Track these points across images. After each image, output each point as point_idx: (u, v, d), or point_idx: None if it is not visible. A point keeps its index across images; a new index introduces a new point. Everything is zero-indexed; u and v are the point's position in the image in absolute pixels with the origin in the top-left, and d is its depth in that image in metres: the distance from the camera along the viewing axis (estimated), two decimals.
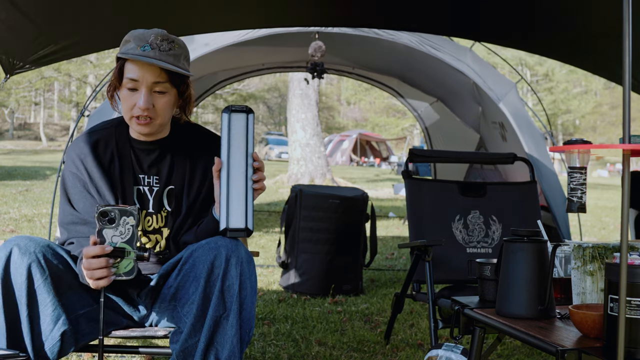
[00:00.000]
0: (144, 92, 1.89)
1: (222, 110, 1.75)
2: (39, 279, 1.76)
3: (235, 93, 30.58)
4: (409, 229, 3.17)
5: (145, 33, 1.90)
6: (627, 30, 1.35)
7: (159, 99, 1.92)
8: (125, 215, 1.73)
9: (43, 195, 10.07)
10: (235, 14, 3.42)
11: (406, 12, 3.46)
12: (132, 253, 1.73)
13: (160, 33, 1.91)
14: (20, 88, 30.03)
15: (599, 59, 3.76)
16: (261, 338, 3.35)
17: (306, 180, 13.06)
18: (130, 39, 1.90)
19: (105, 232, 1.72)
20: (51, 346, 1.77)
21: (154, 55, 1.86)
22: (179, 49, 1.92)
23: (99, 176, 1.96)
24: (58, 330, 1.77)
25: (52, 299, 1.77)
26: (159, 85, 1.90)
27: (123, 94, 1.92)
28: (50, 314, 1.77)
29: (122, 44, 1.93)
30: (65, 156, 2.03)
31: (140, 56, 1.85)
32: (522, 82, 15.18)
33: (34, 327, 1.75)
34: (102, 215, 1.72)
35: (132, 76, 1.89)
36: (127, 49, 1.89)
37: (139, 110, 1.89)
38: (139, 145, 2.01)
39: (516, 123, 4.98)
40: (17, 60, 3.29)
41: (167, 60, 1.87)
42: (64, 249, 1.88)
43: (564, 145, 1.73)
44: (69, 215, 1.95)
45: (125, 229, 1.73)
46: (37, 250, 1.77)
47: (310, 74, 5.91)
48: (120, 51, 1.91)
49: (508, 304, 1.84)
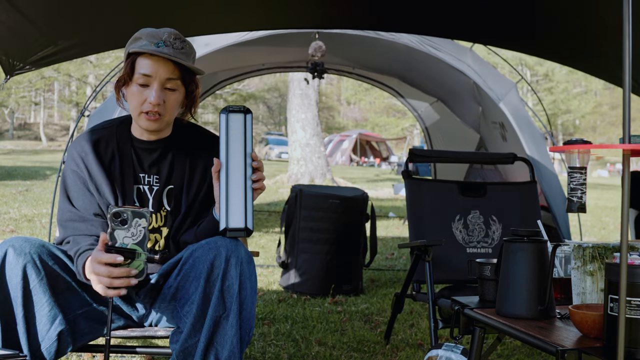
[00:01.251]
0: (156, 88, 1.90)
1: (220, 111, 1.76)
2: (35, 280, 1.76)
3: (235, 93, 30.57)
4: (409, 229, 3.17)
5: (157, 31, 1.92)
6: (627, 31, 1.35)
7: (169, 96, 1.93)
8: (138, 217, 1.73)
9: (43, 195, 10.07)
10: (235, 15, 3.42)
11: (406, 14, 3.47)
12: (143, 255, 1.73)
13: (172, 32, 1.93)
14: (20, 88, 30.04)
15: (598, 61, 3.76)
16: (261, 338, 3.35)
17: (306, 180, 13.06)
18: (142, 36, 1.92)
19: (117, 232, 1.72)
20: (48, 346, 1.77)
21: (168, 52, 1.88)
22: (189, 48, 1.96)
23: (99, 174, 1.96)
24: (55, 330, 1.77)
25: (49, 299, 1.77)
26: (171, 82, 1.92)
27: (132, 90, 1.93)
28: (47, 314, 1.77)
29: (131, 41, 1.94)
30: (66, 154, 2.04)
31: (157, 51, 1.87)
32: (522, 82, 15.19)
33: (30, 328, 1.75)
34: (115, 216, 1.71)
35: (146, 71, 1.89)
36: (139, 45, 1.90)
37: (150, 106, 1.91)
38: (140, 145, 2.02)
39: (516, 123, 4.99)
40: (17, 61, 3.29)
41: (180, 58, 1.90)
42: (60, 249, 1.88)
43: (564, 145, 1.73)
44: (67, 213, 1.95)
45: (137, 231, 1.73)
46: (32, 251, 1.77)
47: (311, 74, 5.91)
48: (132, 47, 1.91)
49: (508, 304, 1.84)
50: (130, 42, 1.95)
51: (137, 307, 2.02)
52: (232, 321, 1.71)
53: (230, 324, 1.71)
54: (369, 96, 36.82)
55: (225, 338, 1.71)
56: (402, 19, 3.64)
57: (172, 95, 1.94)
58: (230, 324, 1.71)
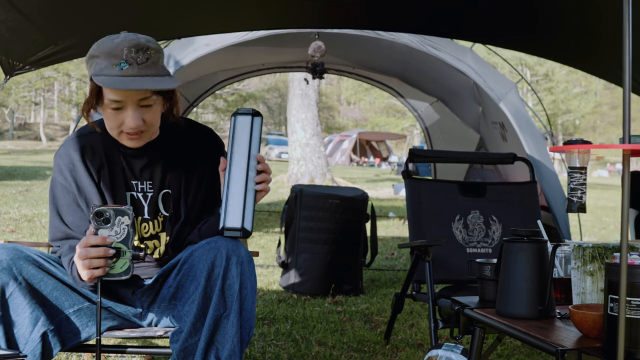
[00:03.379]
0: (131, 111, 1.79)
1: (232, 114, 1.75)
2: (12, 286, 1.73)
3: (235, 93, 30.59)
4: (409, 229, 3.17)
5: (115, 46, 1.74)
6: (627, 30, 1.35)
7: (147, 113, 1.83)
8: (120, 215, 1.73)
9: (43, 195, 10.07)
10: (235, 15, 3.42)
11: (404, 14, 3.46)
12: (128, 253, 1.73)
13: (131, 42, 1.74)
14: (20, 88, 30.06)
15: (598, 61, 3.76)
16: (261, 338, 3.35)
17: (306, 180, 13.06)
18: (100, 54, 1.75)
19: (100, 232, 1.72)
20: (32, 349, 1.73)
21: (133, 73, 1.73)
22: (155, 54, 1.78)
23: (88, 187, 1.91)
24: (37, 332, 1.74)
25: (29, 302, 1.74)
26: (146, 100, 1.80)
27: (107, 112, 1.81)
28: (28, 317, 1.73)
29: (89, 59, 1.79)
30: (54, 162, 1.96)
31: (120, 82, 1.71)
32: (522, 82, 15.19)
33: (9, 336, 1.72)
34: (97, 215, 1.71)
35: (115, 98, 1.77)
36: (99, 68, 1.74)
37: (129, 128, 1.81)
38: (129, 150, 1.93)
39: (516, 123, 4.99)
40: (16, 61, 3.28)
41: (148, 74, 1.75)
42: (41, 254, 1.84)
43: (564, 145, 1.73)
44: (58, 232, 1.92)
45: (120, 229, 1.73)
46: (8, 257, 1.74)
47: (310, 74, 5.91)
48: (92, 71, 1.76)
49: (508, 304, 1.84)
50: (88, 60, 1.79)
51: (133, 307, 2.00)
52: (232, 320, 1.71)
53: (231, 323, 1.71)
54: (369, 96, 36.82)
55: (225, 337, 1.71)
56: (402, 19, 3.64)
57: (149, 112, 1.83)
58: (231, 323, 1.71)
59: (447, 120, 7.33)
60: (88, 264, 1.70)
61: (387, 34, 4.93)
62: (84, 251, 1.69)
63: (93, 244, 1.70)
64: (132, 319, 2.01)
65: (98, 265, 1.70)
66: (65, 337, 1.81)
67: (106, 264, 1.71)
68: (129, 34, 1.79)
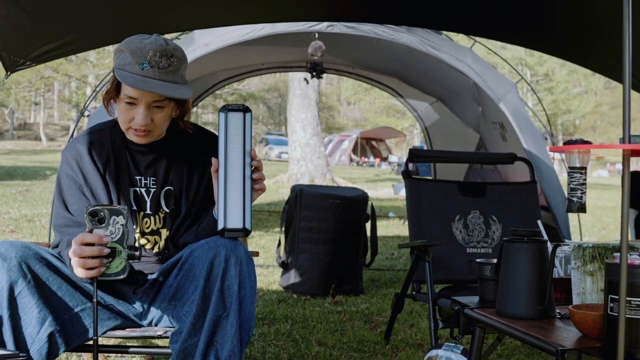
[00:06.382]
0: (143, 109, 1.87)
1: (219, 110, 1.74)
2: (21, 284, 1.74)
3: (235, 93, 30.60)
4: (409, 229, 3.17)
5: (143, 47, 1.83)
6: (627, 30, 1.35)
7: (157, 113, 1.90)
8: (115, 215, 1.73)
9: (43, 195, 10.07)
10: (234, 6, 3.41)
11: (404, 7, 3.45)
12: (124, 252, 1.73)
13: (158, 47, 1.83)
14: (20, 88, 30.06)
15: (600, 57, 3.75)
16: (261, 338, 3.35)
17: (306, 180, 13.06)
18: (127, 50, 1.84)
19: (95, 232, 1.72)
20: (38, 349, 1.74)
21: (153, 75, 1.82)
22: (178, 62, 1.87)
23: (94, 178, 1.95)
24: (45, 332, 1.75)
25: (37, 301, 1.75)
26: (159, 102, 1.89)
27: (120, 105, 1.90)
28: (36, 316, 1.75)
29: (117, 53, 1.87)
30: (61, 157, 2.02)
31: (140, 82, 1.80)
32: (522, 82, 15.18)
33: (17, 333, 1.73)
34: (92, 215, 1.71)
35: (131, 94, 1.86)
36: (123, 63, 1.83)
37: (137, 125, 1.89)
38: (135, 147, 2.00)
39: (516, 123, 4.98)
40: (17, 57, 3.28)
41: (167, 79, 1.84)
42: (48, 251, 1.86)
43: (564, 145, 1.73)
44: (62, 219, 1.94)
45: (115, 229, 1.73)
46: (17, 255, 1.75)
47: (310, 73, 5.91)
48: (117, 64, 1.85)
49: (508, 304, 1.84)
50: (116, 52, 1.88)
51: (134, 306, 2.01)
52: (232, 321, 1.71)
53: (230, 324, 1.71)
54: (369, 96, 36.81)
55: (225, 338, 1.71)
56: (402, 12, 3.62)
57: (160, 113, 1.91)
58: (230, 324, 1.71)
59: (447, 120, 7.33)
60: (83, 264, 1.70)
61: (387, 33, 4.93)
62: (78, 249, 1.70)
63: (89, 242, 1.70)
64: (133, 319, 2.02)
65: (93, 265, 1.70)
66: (69, 337, 1.82)
67: (101, 264, 1.71)
68: (160, 37, 1.87)
